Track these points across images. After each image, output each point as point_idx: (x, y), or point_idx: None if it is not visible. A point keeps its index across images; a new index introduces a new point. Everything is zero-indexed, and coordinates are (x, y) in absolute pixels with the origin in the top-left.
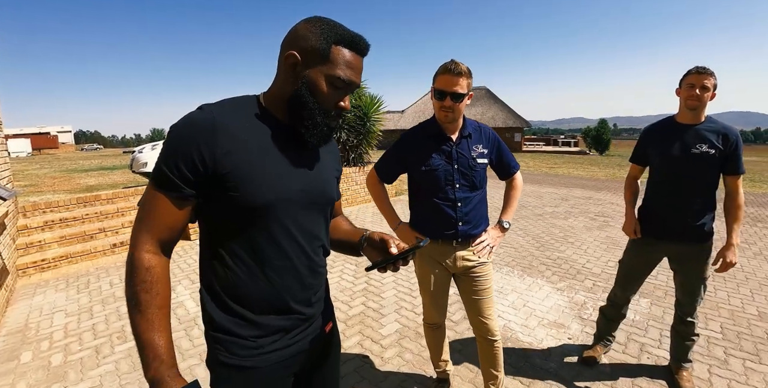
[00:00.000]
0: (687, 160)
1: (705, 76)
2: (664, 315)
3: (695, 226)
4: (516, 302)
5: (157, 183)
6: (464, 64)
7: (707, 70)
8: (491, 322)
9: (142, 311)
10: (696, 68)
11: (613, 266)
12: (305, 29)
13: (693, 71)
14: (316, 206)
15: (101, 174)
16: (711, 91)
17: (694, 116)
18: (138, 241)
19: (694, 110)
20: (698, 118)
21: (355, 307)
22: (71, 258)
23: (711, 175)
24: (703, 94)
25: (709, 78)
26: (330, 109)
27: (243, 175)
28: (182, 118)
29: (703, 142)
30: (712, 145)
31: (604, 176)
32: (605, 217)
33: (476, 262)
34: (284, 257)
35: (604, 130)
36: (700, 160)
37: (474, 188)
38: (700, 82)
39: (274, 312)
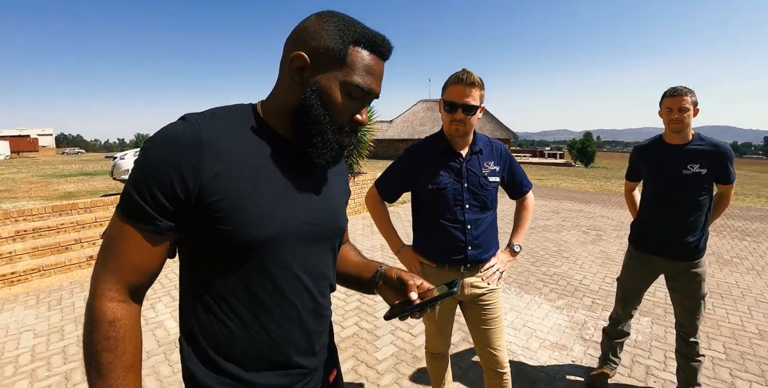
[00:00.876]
0: (678, 181)
1: (680, 98)
2: (666, 335)
3: (686, 243)
4: (515, 322)
5: (126, 212)
6: (477, 75)
7: (681, 92)
8: (501, 353)
9: (104, 375)
10: (670, 91)
11: (609, 282)
12: (317, 26)
13: (668, 94)
14: (324, 239)
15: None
16: (691, 109)
17: (681, 137)
18: (100, 286)
19: (679, 132)
20: (686, 137)
21: (347, 328)
22: (44, 271)
23: (703, 193)
24: (683, 116)
25: (684, 98)
26: (344, 123)
27: (235, 203)
28: (160, 131)
29: (694, 163)
30: (703, 164)
31: (592, 189)
32: (597, 230)
33: (486, 289)
34: (285, 302)
35: (589, 142)
36: (691, 181)
37: (485, 209)
38: (677, 105)
39: (270, 368)
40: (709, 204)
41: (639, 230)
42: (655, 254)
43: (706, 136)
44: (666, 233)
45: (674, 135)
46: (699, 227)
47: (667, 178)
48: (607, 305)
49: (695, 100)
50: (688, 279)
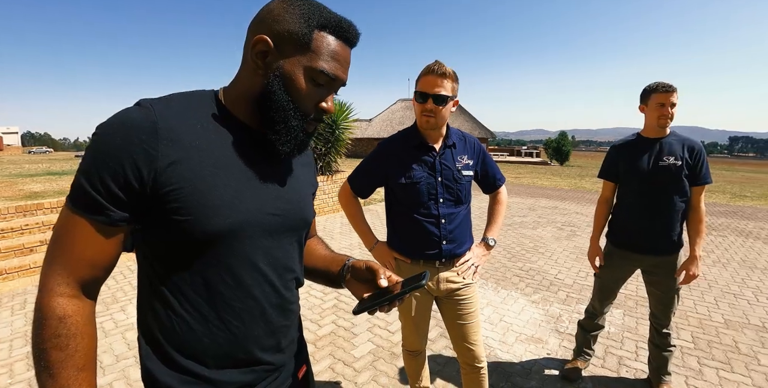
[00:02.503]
0: (656, 173)
1: (671, 94)
2: (638, 326)
3: (666, 237)
4: (492, 317)
5: (76, 203)
6: (449, 67)
7: (672, 87)
8: (477, 348)
9: (55, 375)
10: (661, 86)
11: (584, 277)
12: (281, 9)
13: (660, 90)
14: (289, 231)
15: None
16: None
17: (662, 131)
18: (49, 281)
19: (666, 127)
20: (664, 132)
21: (324, 326)
22: (7, 274)
23: (679, 186)
24: (672, 112)
25: (674, 94)
26: (309, 110)
27: (193, 193)
28: (113, 117)
29: (670, 155)
30: (678, 156)
31: (567, 186)
32: (572, 226)
33: (461, 284)
34: (247, 296)
35: (564, 142)
36: (667, 172)
37: (459, 203)
38: (669, 100)
39: (234, 365)
40: (684, 199)
41: (617, 227)
42: (634, 250)
43: (679, 133)
44: (645, 227)
45: (658, 129)
46: (675, 220)
47: (644, 171)
48: (581, 299)
49: None
50: (665, 273)
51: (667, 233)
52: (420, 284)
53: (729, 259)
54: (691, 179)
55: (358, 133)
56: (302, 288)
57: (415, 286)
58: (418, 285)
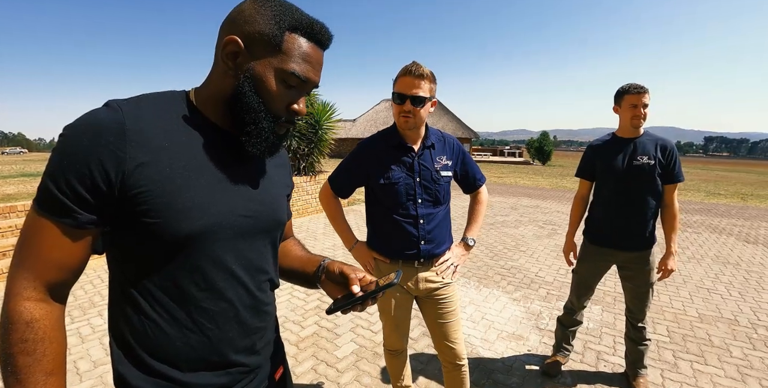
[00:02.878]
0: (630, 171)
1: (643, 95)
2: (616, 321)
3: (640, 234)
4: (474, 315)
5: (43, 205)
6: (427, 68)
7: (644, 89)
8: (458, 346)
9: (23, 380)
10: (633, 88)
11: (563, 274)
12: (252, 10)
13: (632, 91)
14: (261, 233)
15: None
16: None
17: (636, 132)
18: (15, 285)
19: (639, 127)
20: (637, 132)
21: (307, 327)
22: None
23: (652, 184)
24: (645, 112)
25: (646, 95)
26: (280, 112)
27: (162, 195)
28: (80, 118)
29: (644, 154)
30: (651, 156)
31: (549, 185)
32: (553, 225)
33: (440, 283)
34: (220, 298)
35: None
36: (641, 171)
37: (437, 203)
38: (641, 101)
39: (208, 368)
40: (657, 197)
41: (593, 224)
42: (609, 246)
43: (652, 133)
44: (620, 225)
45: (632, 130)
46: (649, 217)
47: (619, 170)
48: (561, 296)
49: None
50: (639, 268)
51: (641, 229)
52: (392, 283)
53: (703, 255)
54: (664, 178)
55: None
56: (285, 290)
57: (386, 285)
58: (391, 284)
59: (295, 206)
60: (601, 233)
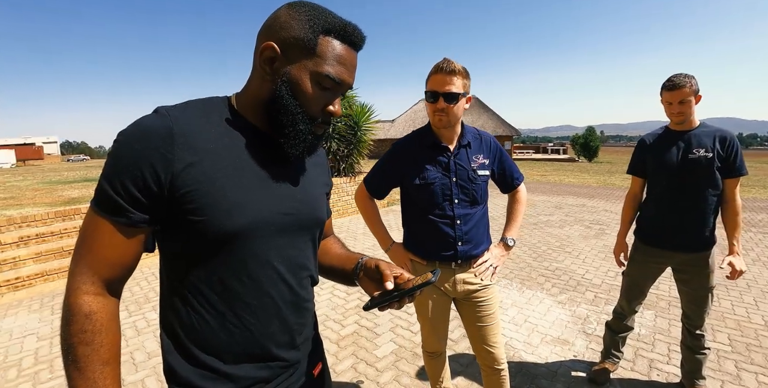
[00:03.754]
0: (685, 166)
1: (679, 91)
2: (670, 328)
3: (698, 233)
4: (517, 318)
5: (100, 206)
6: (459, 63)
7: (678, 85)
8: (497, 350)
9: (82, 368)
10: (668, 84)
11: (613, 276)
12: (287, 16)
13: (666, 88)
14: (302, 230)
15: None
16: (692, 98)
17: (686, 125)
18: (74, 280)
19: (683, 123)
20: (691, 124)
21: (348, 326)
22: (47, 276)
23: (711, 179)
24: (683, 108)
25: (682, 90)
26: (316, 114)
27: (208, 194)
28: (132, 124)
29: (700, 147)
30: (709, 148)
31: (596, 183)
32: (601, 225)
33: (479, 285)
34: (262, 294)
35: (592, 137)
36: (698, 165)
37: (474, 203)
38: (676, 99)
39: (250, 361)
40: (717, 193)
41: (645, 223)
42: (663, 247)
43: (710, 124)
44: (674, 223)
45: (678, 125)
46: (708, 215)
47: (673, 165)
48: (609, 299)
49: (695, 88)
50: (697, 271)
51: (699, 228)
52: (430, 281)
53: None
54: (724, 172)
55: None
56: (326, 288)
57: (423, 284)
58: (428, 282)
59: (335, 207)
60: (655, 232)
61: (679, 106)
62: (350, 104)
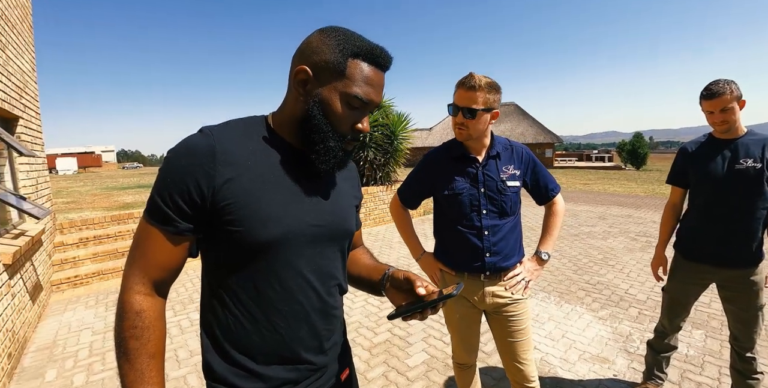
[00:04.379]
0: (731, 177)
1: (718, 100)
2: (722, 350)
3: (745, 248)
4: (554, 333)
5: (151, 215)
6: (485, 78)
7: (717, 93)
8: (528, 367)
9: (131, 360)
10: (706, 92)
11: (659, 292)
12: (319, 41)
13: (705, 96)
14: (331, 241)
15: (138, 192)
16: (735, 105)
17: (731, 134)
18: (128, 280)
19: (727, 132)
20: (737, 132)
21: (380, 334)
22: (103, 275)
23: (759, 191)
24: (726, 116)
25: (723, 98)
26: (345, 132)
27: (245, 207)
28: (180, 143)
29: (748, 157)
30: (757, 158)
31: (643, 192)
32: (648, 237)
33: (509, 299)
34: (292, 301)
35: (640, 143)
36: (745, 176)
37: (504, 215)
38: (717, 107)
39: (280, 362)
40: (766, 205)
41: (686, 236)
42: (706, 262)
43: (758, 132)
44: (718, 237)
45: (723, 133)
46: (755, 229)
47: (718, 175)
48: (655, 317)
49: (737, 93)
50: (744, 288)
51: (746, 243)
52: (450, 294)
53: None
54: None
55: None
56: (360, 296)
57: (444, 297)
58: (449, 295)
59: (371, 215)
60: (696, 246)
61: (721, 114)
62: (387, 114)
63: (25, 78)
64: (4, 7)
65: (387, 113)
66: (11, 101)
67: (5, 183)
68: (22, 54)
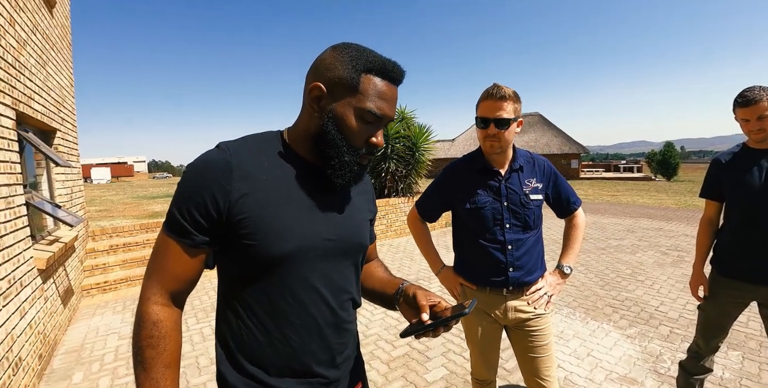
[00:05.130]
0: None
1: (754, 107)
2: (761, 372)
3: None
4: (579, 351)
5: (169, 228)
6: (509, 88)
7: (753, 99)
8: (551, 384)
9: (147, 369)
10: (742, 100)
11: (692, 310)
12: (332, 57)
13: (739, 104)
14: (345, 255)
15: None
16: None
17: (767, 143)
18: (146, 291)
19: (764, 141)
20: None
21: (399, 347)
22: (131, 281)
23: None
24: (763, 124)
25: (760, 104)
26: (360, 146)
27: (259, 220)
28: (197, 158)
29: None
30: None
31: (674, 204)
32: (679, 251)
33: (532, 314)
34: (304, 313)
35: (671, 153)
36: None
37: (527, 229)
38: (753, 115)
39: (292, 375)
40: None
41: (723, 253)
42: (744, 279)
43: None
44: (757, 252)
45: (758, 143)
46: None
47: (755, 187)
48: (687, 336)
49: None
50: None
51: None
52: (462, 313)
53: None
54: None
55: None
56: (380, 309)
57: (456, 315)
58: (461, 314)
59: (392, 227)
60: (733, 262)
61: (758, 122)
62: (408, 125)
63: (63, 93)
64: (46, 27)
65: (408, 125)
66: (50, 115)
67: (42, 192)
68: (62, 70)
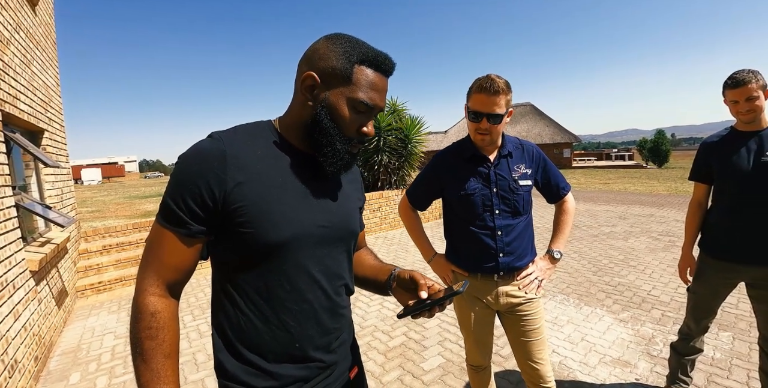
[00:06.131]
0: (757, 170)
1: (744, 88)
2: (751, 352)
3: None
4: (573, 336)
5: (164, 218)
6: (502, 79)
7: (743, 81)
8: (543, 367)
9: (147, 360)
10: (731, 82)
11: (683, 293)
12: (325, 48)
13: (729, 85)
14: (338, 241)
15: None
16: (761, 94)
17: (755, 125)
18: (142, 283)
19: (752, 123)
20: (761, 124)
21: (396, 338)
22: (125, 281)
23: None
24: (752, 105)
25: (747, 87)
26: (351, 135)
27: (255, 209)
28: (190, 148)
29: None
30: None
31: (666, 191)
32: (671, 236)
33: (523, 298)
34: (301, 299)
35: (662, 140)
36: None
37: (517, 214)
38: (742, 96)
39: (290, 360)
40: None
41: (711, 234)
42: (733, 260)
43: None
44: (745, 233)
45: (746, 125)
46: None
47: (743, 169)
48: (678, 319)
49: (762, 83)
50: None
51: None
52: (457, 291)
53: None
54: None
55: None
56: (376, 300)
57: (451, 294)
58: (455, 293)
59: (386, 219)
60: (722, 244)
61: (746, 103)
62: (400, 117)
63: (49, 92)
64: (29, 26)
65: (400, 117)
66: (37, 115)
67: (32, 193)
68: (47, 70)
